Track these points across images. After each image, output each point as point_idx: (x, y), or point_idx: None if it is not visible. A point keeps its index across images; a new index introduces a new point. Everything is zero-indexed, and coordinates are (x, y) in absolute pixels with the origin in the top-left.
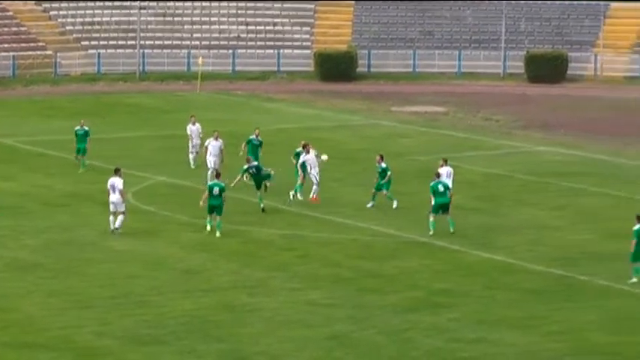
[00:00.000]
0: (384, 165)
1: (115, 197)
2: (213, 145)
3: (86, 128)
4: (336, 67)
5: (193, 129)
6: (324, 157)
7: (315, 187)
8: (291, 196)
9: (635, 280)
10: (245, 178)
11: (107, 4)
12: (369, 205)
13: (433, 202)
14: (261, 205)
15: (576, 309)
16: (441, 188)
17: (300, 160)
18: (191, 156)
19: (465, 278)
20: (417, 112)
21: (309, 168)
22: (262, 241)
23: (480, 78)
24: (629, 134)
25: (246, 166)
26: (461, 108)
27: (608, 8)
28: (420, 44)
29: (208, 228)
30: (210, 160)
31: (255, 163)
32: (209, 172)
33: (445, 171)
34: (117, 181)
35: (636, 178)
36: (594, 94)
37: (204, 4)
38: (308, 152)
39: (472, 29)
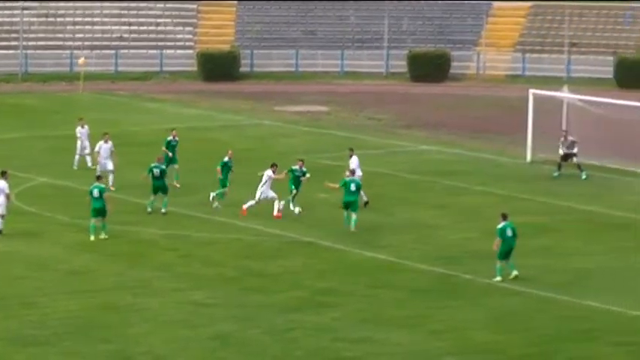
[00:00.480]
0: (304, 169)
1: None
2: (103, 147)
3: None
4: (219, 67)
5: (82, 131)
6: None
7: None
8: (217, 204)
9: (499, 278)
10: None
11: None
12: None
13: (343, 199)
14: (149, 210)
15: (460, 307)
16: (352, 187)
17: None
18: (77, 157)
19: (349, 277)
20: (300, 111)
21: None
22: (145, 242)
23: (363, 77)
24: (511, 133)
25: (153, 165)
26: (344, 107)
27: (491, 7)
28: (303, 44)
29: (92, 238)
30: (102, 163)
31: (164, 166)
32: (110, 177)
33: (354, 161)
34: (2, 185)
35: (519, 176)
36: (477, 92)
37: (87, 4)
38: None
39: (355, 29)
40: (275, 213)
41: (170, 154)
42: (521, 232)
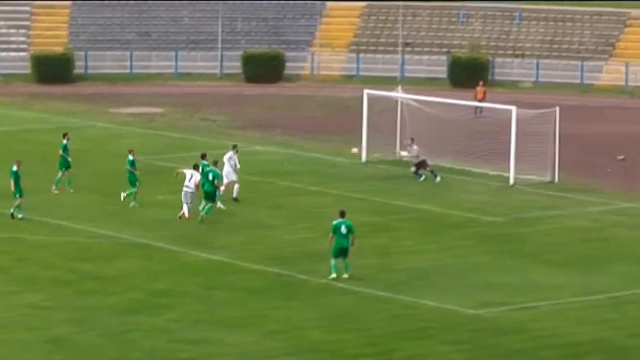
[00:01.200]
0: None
1: None
2: None
3: None
4: (52, 69)
5: None
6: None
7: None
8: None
9: (334, 275)
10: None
11: None
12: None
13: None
14: (11, 211)
15: (295, 307)
16: (209, 176)
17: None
18: None
19: (184, 278)
20: (134, 113)
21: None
22: None
23: (197, 78)
24: (346, 132)
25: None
26: (178, 109)
27: (325, 7)
28: (137, 45)
29: None
30: None
31: (15, 168)
32: None
33: (227, 156)
34: None
35: (354, 176)
36: (311, 93)
37: None
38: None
39: (189, 30)
40: (186, 215)
41: (69, 158)
42: (356, 231)
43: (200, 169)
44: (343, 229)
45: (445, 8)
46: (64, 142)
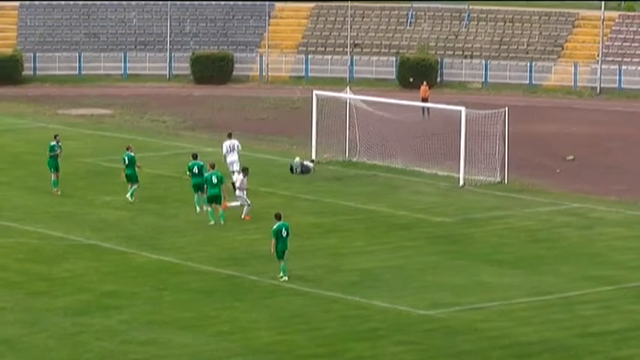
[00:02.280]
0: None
1: None
2: None
3: None
4: (1, 71)
5: None
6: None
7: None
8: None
9: (285, 278)
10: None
11: None
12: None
13: (207, 193)
14: None
15: (246, 308)
16: (214, 180)
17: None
18: None
19: (134, 280)
20: (83, 114)
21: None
22: None
23: (146, 80)
24: (296, 134)
25: None
26: (127, 110)
27: (273, 8)
28: (86, 47)
29: None
30: None
31: None
32: None
33: (230, 144)
34: None
35: (303, 177)
36: (261, 94)
37: None
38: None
39: (137, 31)
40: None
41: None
42: (306, 232)
43: (194, 170)
44: (284, 232)
45: (393, 9)
46: (52, 142)
